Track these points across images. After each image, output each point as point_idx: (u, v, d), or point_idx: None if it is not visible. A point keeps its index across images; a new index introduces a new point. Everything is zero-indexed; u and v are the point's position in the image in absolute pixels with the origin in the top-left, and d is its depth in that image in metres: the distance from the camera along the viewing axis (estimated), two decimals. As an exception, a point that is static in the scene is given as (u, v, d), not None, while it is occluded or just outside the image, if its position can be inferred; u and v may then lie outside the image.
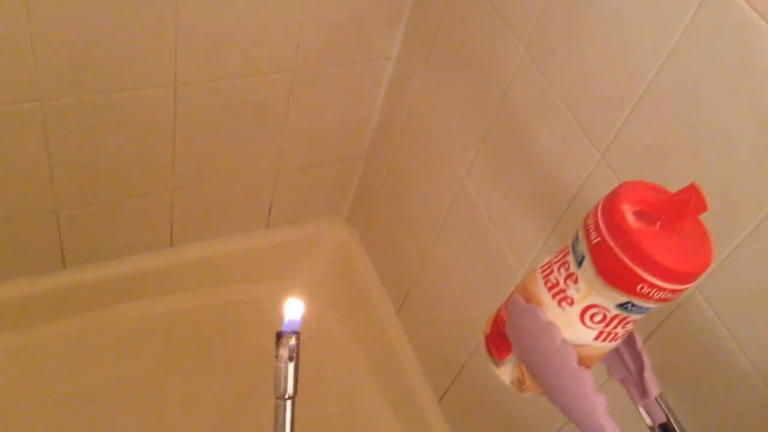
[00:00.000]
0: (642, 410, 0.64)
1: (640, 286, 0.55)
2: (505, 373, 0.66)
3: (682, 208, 0.55)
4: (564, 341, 0.59)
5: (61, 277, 1.41)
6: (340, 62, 1.30)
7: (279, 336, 0.58)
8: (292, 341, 0.58)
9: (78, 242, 1.37)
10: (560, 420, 1.08)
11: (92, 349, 1.47)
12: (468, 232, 1.24)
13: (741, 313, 0.76)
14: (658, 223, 0.55)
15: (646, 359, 0.64)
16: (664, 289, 0.55)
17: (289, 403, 0.58)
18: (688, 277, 0.55)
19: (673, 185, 0.81)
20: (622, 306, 0.57)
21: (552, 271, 0.61)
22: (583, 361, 0.61)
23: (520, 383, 0.66)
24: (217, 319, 1.58)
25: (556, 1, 0.94)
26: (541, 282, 0.62)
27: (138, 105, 1.18)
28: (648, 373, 0.64)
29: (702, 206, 0.54)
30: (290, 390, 0.58)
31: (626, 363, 0.65)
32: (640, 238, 0.54)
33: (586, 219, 0.58)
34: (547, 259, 0.63)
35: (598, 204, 0.58)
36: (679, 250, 0.55)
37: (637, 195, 0.57)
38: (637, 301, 0.56)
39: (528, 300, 0.62)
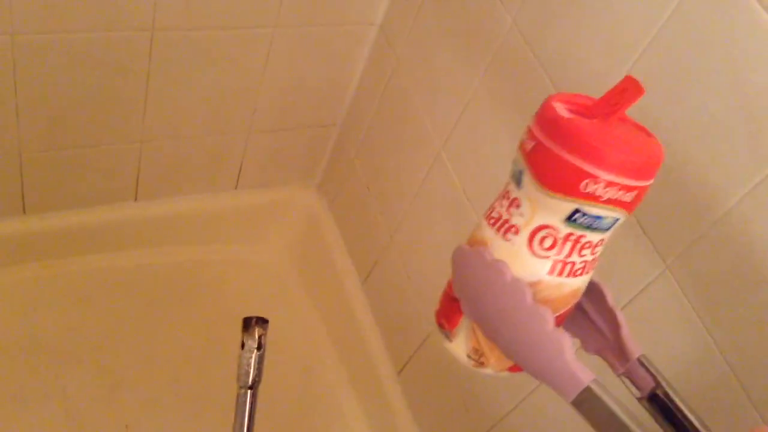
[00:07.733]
0: (626, 380, 0.58)
1: (584, 183, 0.50)
2: (460, 345, 0.60)
3: (618, 99, 0.51)
4: (515, 278, 0.53)
5: (19, 223, 1.37)
6: (323, 23, 1.27)
7: (247, 324, 0.56)
8: (261, 331, 0.56)
9: (40, 188, 1.33)
10: (519, 396, 1.08)
11: (47, 298, 1.43)
12: (441, 207, 1.23)
13: (710, 294, 0.77)
14: (595, 119, 0.51)
15: (620, 316, 0.58)
16: (611, 184, 0.50)
17: (250, 393, 0.57)
18: (635, 169, 0.50)
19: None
20: (570, 219, 0.52)
21: (494, 209, 0.57)
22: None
23: (477, 354, 0.60)
24: (178, 277, 1.55)
25: (548, -27, 0.93)
26: (485, 223, 0.57)
27: (112, 47, 1.14)
28: (625, 332, 0.58)
29: (639, 91, 0.50)
30: (253, 380, 0.57)
31: (600, 329, 0.60)
32: (575, 126, 0.50)
33: (521, 139, 0.54)
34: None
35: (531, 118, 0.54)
36: (621, 141, 0.50)
37: (570, 99, 0.53)
38: (585, 207, 0.51)
39: (473, 245, 0.58)
